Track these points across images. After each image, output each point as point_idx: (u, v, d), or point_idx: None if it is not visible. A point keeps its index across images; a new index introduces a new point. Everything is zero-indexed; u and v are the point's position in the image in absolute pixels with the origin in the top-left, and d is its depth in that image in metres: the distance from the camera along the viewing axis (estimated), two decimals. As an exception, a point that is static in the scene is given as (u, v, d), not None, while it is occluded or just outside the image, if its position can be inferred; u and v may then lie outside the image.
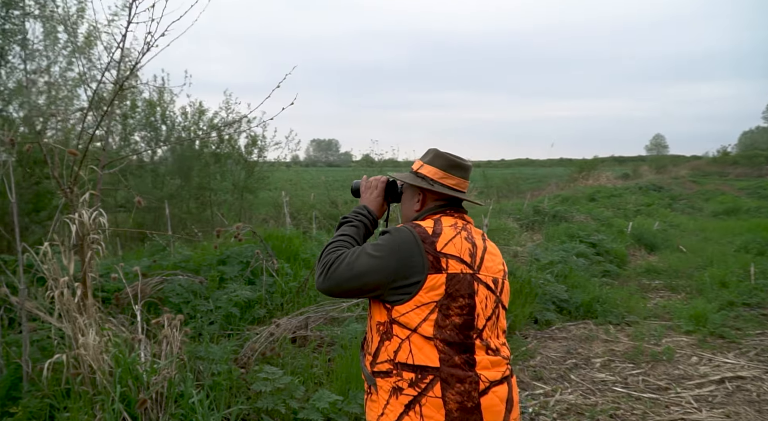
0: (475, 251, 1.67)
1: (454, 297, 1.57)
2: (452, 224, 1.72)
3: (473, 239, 1.71)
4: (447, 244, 1.63)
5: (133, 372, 3.00)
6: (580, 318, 6.41)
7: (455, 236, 1.66)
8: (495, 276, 1.70)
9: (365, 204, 1.97)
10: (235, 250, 5.53)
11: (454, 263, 1.60)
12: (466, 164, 1.83)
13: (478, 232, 1.79)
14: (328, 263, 1.67)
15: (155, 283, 4.35)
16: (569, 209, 13.14)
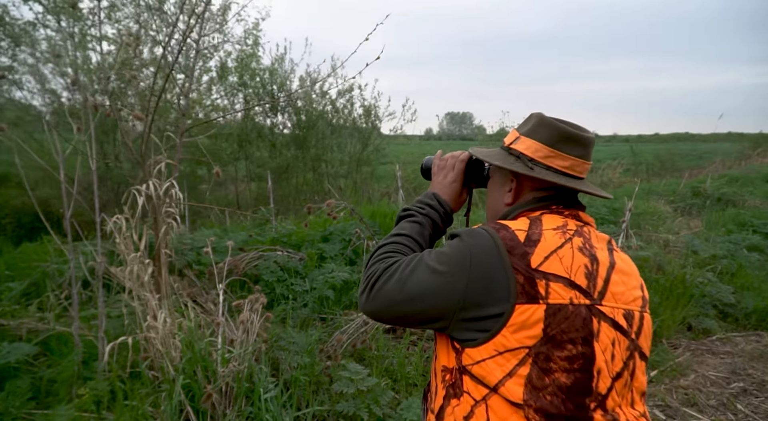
0: (596, 269, 1.07)
1: (559, 342, 1.00)
2: (559, 225, 1.14)
3: (593, 251, 1.10)
4: (549, 257, 1.05)
5: (203, 361, 2.75)
6: (751, 328, 5.12)
7: (563, 245, 1.08)
8: (628, 308, 1.08)
9: (436, 191, 1.42)
10: (339, 226, 5.22)
11: (559, 288, 1.02)
12: (585, 137, 1.21)
13: (601, 238, 1.18)
14: (372, 277, 1.16)
15: (250, 258, 4.16)
16: (739, 192, 11.00)
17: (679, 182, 11.88)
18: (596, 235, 1.16)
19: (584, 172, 1.22)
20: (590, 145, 1.22)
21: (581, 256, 1.06)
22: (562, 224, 1.13)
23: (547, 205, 1.20)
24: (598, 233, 1.18)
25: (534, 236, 1.08)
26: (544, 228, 1.11)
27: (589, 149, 1.22)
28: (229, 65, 7.78)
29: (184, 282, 3.98)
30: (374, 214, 5.75)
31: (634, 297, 1.09)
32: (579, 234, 1.11)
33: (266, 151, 8.61)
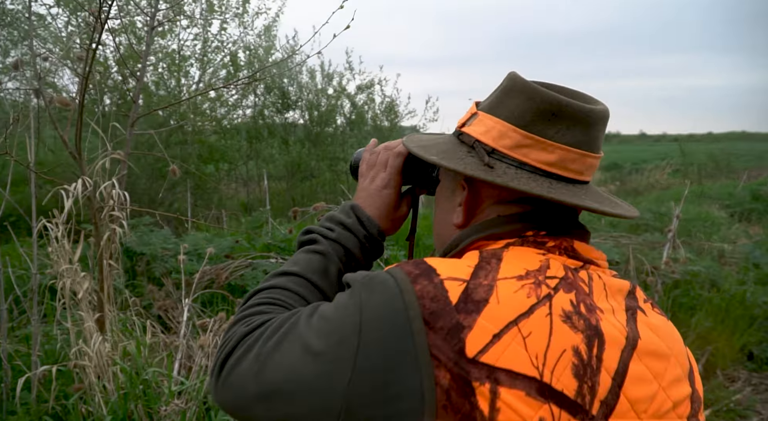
0: (596, 356, 0.59)
1: None
2: (530, 270, 0.65)
3: (592, 318, 0.62)
4: (501, 335, 0.57)
5: (145, 395, 2.32)
6: (827, 359, 4.34)
7: (532, 311, 0.59)
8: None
9: (357, 202, 0.92)
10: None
11: (517, 399, 0.55)
12: (587, 110, 0.71)
13: (615, 289, 0.69)
14: (225, 348, 0.70)
15: (235, 267, 3.72)
16: (806, 196, 9.93)
17: (735, 184, 10.86)
18: (606, 284, 0.68)
19: (586, 171, 0.73)
20: (596, 123, 0.72)
21: (567, 332, 0.59)
22: (537, 268, 0.65)
23: (518, 231, 0.71)
24: (611, 278, 0.69)
25: (478, 290, 0.60)
26: (500, 276, 0.63)
27: (594, 131, 0.72)
28: (240, 61, 7.46)
29: (162, 292, 3.58)
30: (386, 217, 5.24)
31: (676, 400, 0.62)
32: (568, 286, 0.63)
33: (277, 149, 8.22)
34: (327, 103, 8.24)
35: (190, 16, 7.44)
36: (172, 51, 7.48)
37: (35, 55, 2.33)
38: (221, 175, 8.16)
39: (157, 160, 5.99)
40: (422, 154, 0.78)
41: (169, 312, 3.33)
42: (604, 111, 0.73)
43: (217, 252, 3.90)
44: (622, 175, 17.05)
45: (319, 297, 0.80)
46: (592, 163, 0.73)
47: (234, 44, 8.14)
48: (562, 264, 0.66)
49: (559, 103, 0.70)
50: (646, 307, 0.69)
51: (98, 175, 2.40)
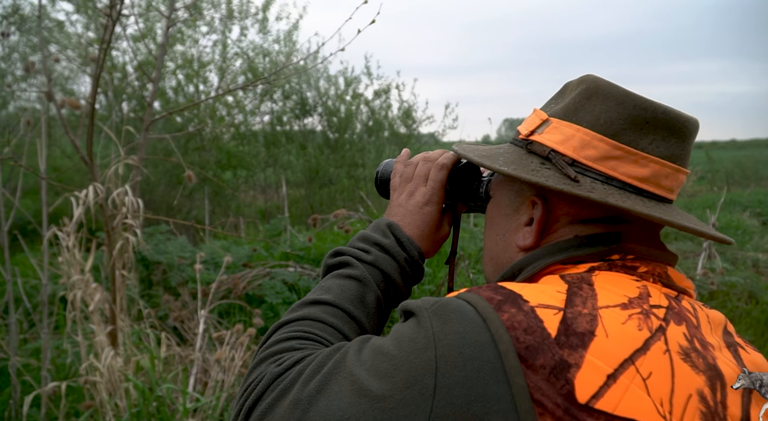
0: (721, 403, 0.48)
1: None
2: (632, 297, 0.53)
3: (709, 356, 0.51)
4: (618, 376, 0.45)
5: (159, 413, 2.20)
6: None
7: (648, 346, 0.48)
8: None
9: (394, 219, 0.80)
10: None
11: None
12: (682, 119, 0.62)
13: (713, 322, 0.59)
14: (251, 392, 0.58)
15: (253, 276, 3.61)
16: (841, 203, 9.55)
17: (766, 192, 10.48)
18: (703, 314, 0.58)
19: (676, 188, 0.64)
20: (692, 134, 0.64)
21: (689, 372, 0.49)
22: (637, 295, 0.55)
23: (602, 254, 0.61)
24: (704, 308, 0.60)
25: (579, 321, 0.50)
26: (601, 304, 0.52)
27: (688, 144, 0.64)
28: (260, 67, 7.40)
29: (178, 302, 3.48)
30: (406, 225, 5.09)
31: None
32: (677, 317, 0.54)
33: (295, 155, 8.13)
34: (345, 109, 8.14)
35: (210, 23, 7.43)
36: (191, 57, 7.47)
37: (46, 58, 2.25)
38: (239, 182, 8.10)
39: (175, 166, 5.94)
40: (489, 164, 0.66)
41: (185, 323, 3.23)
42: (697, 122, 0.64)
43: (235, 261, 3.79)
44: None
45: (357, 330, 0.68)
46: (682, 180, 0.64)
47: (253, 50, 8.11)
48: (659, 292, 0.57)
49: (655, 109, 0.61)
50: (741, 342, 0.59)
51: (111, 182, 2.30)
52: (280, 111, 8.32)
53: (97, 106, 2.74)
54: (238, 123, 7.68)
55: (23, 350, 2.49)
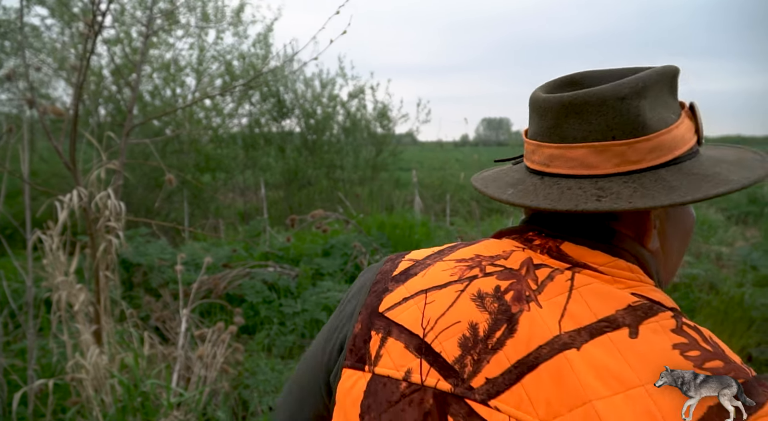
0: (496, 340, 0.56)
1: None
2: (479, 255, 0.66)
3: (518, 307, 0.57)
4: (409, 299, 0.64)
5: (144, 407, 2.29)
6: (826, 360, 4.33)
7: (445, 286, 0.63)
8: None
9: None
10: (341, 238, 4.73)
11: (396, 350, 0.60)
12: (547, 100, 0.64)
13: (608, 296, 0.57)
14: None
15: (233, 276, 3.70)
16: (801, 197, 9.96)
17: (731, 188, 10.86)
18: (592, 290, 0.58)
19: (548, 160, 0.65)
20: (549, 112, 0.64)
21: (473, 309, 0.59)
22: (491, 254, 0.65)
23: (522, 231, 0.68)
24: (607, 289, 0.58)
25: (415, 267, 0.68)
26: (445, 258, 0.67)
27: (548, 120, 0.64)
28: (236, 70, 7.45)
29: (159, 303, 3.55)
30: (383, 224, 5.22)
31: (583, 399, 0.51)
32: (508, 276, 0.61)
33: (273, 158, 8.21)
34: (323, 111, 8.25)
35: (186, 26, 7.45)
36: (168, 61, 7.48)
37: (27, 66, 2.32)
38: (218, 185, 8.15)
39: (153, 169, 5.97)
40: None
41: (166, 323, 3.31)
42: (561, 99, 0.62)
43: (215, 262, 3.88)
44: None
45: None
46: (554, 153, 0.64)
47: (230, 53, 8.15)
48: (527, 260, 0.62)
49: (532, 98, 0.67)
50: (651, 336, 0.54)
51: (93, 186, 2.38)
52: (258, 113, 8.41)
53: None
54: (216, 126, 7.73)
55: (8, 351, 2.55)
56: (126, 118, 2.58)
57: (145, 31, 3.01)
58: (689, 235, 0.70)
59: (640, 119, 0.60)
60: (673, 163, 0.62)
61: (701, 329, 0.56)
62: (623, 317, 0.55)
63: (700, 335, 0.55)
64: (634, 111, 0.60)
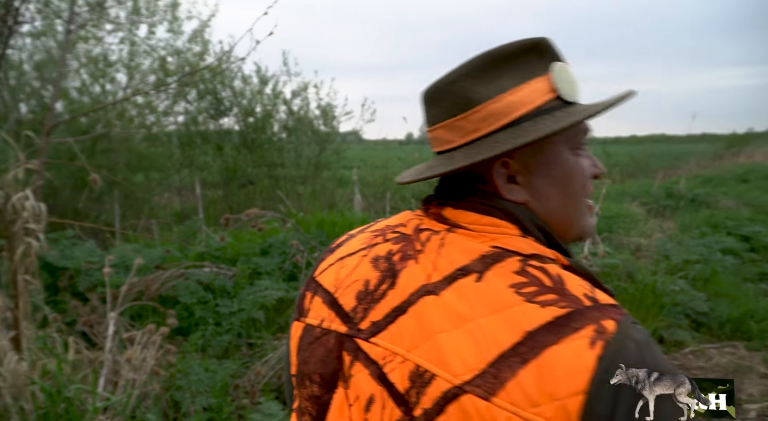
0: (382, 291, 0.71)
1: (304, 375, 0.76)
2: (391, 225, 0.80)
3: (398, 266, 0.72)
4: (333, 265, 0.80)
5: (68, 414, 2.25)
6: (725, 338, 4.76)
7: (356, 252, 0.79)
8: (425, 366, 0.63)
9: None
10: (280, 237, 4.74)
11: (318, 304, 0.78)
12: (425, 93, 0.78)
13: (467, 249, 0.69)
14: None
15: (167, 277, 3.65)
16: (712, 192, 10.79)
17: (652, 183, 11.64)
18: (456, 246, 0.69)
19: (434, 143, 0.78)
20: (425, 102, 0.77)
21: (369, 269, 0.74)
22: (395, 224, 0.79)
23: (425, 202, 0.82)
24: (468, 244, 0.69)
25: (347, 239, 0.84)
26: (371, 227, 0.83)
27: (426, 108, 0.78)
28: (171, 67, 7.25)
29: (87, 308, 3.45)
30: (322, 222, 5.26)
31: (449, 358, 0.61)
32: (401, 240, 0.75)
33: (211, 156, 8.06)
34: (262, 109, 8.16)
35: (115, 20, 7.18)
36: (96, 56, 7.18)
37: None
38: (153, 185, 7.90)
39: (81, 169, 5.74)
40: None
41: (94, 328, 3.23)
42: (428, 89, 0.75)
43: (147, 263, 3.80)
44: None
45: None
46: (431, 135, 0.77)
47: (164, 49, 7.92)
48: (416, 226, 0.75)
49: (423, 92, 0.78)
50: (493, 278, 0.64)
51: (10, 187, 2.31)
52: (196, 111, 8.21)
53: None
54: (150, 124, 7.49)
55: None
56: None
57: (67, 25, 2.92)
58: (569, 182, 0.73)
59: (468, 95, 0.71)
60: (513, 124, 0.70)
61: (549, 269, 0.64)
62: (475, 265, 0.65)
63: (546, 274, 0.64)
64: (460, 90, 0.71)
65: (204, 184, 7.43)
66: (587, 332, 0.58)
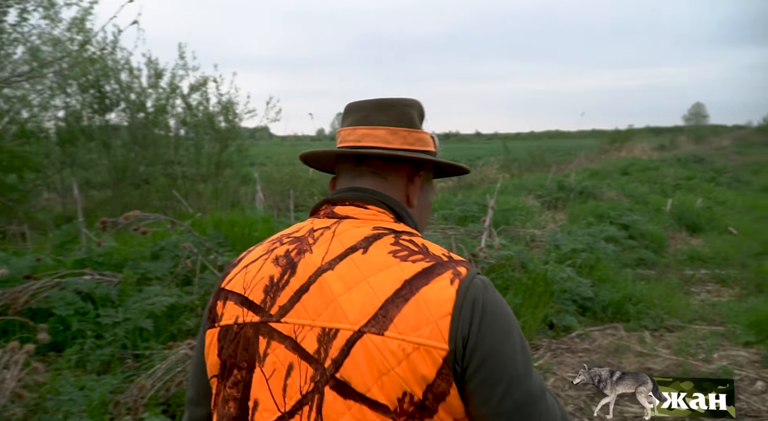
0: (286, 280, 0.88)
1: (230, 368, 0.88)
2: (288, 233, 0.98)
3: (297, 258, 0.90)
4: (238, 273, 0.94)
5: None
6: (608, 321, 5.18)
7: (259, 258, 0.94)
8: (329, 326, 0.83)
9: None
10: (173, 240, 4.48)
11: (230, 306, 0.91)
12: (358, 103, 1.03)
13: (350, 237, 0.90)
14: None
15: (38, 288, 3.31)
16: (599, 184, 11.71)
17: (547, 177, 12.42)
18: (345, 233, 0.90)
19: (362, 139, 0.98)
20: (364, 109, 1.00)
21: (271, 267, 0.90)
22: (290, 232, 0.96)
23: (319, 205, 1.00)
24: (355, 230, 0.90)
25: (245, 253, 0.98)
26: (267, 240, 0.98)
27: (363, 113, 1.00)
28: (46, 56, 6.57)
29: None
30: (220, 223, 5.05)
31: (347, 312, 0.81)
32: (295, 241, 0.92)
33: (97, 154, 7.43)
34: (155, 104, 7.64)
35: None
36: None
37: None
38: (29, 186, 7.12)
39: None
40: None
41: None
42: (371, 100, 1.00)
43: (14, 273, 3.43)
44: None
45: None
46: (365, 132, 0.97)
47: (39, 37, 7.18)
48: (309, 226, 0.93)
49: (348, 104, 1.02)
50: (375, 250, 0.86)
51: None
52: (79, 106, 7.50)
53: None
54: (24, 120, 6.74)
55: None
56: None
57: None
58: (428, 203, 1.07)
59: (413, 120, 1.00)
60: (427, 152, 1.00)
61: (416, 240, 0.89)
62: (361, 243, 0.86)
63: (413, 243, 0.88)
64: (410, 114, 0.99)
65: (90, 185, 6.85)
66: (448, 275, 0.82)
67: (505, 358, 0.80)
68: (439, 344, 0.77)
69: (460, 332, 0.78)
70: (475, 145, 45.24)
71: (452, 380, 0.78)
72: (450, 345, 0.77)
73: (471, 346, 0.78)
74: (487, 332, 0.80)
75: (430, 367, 0.77)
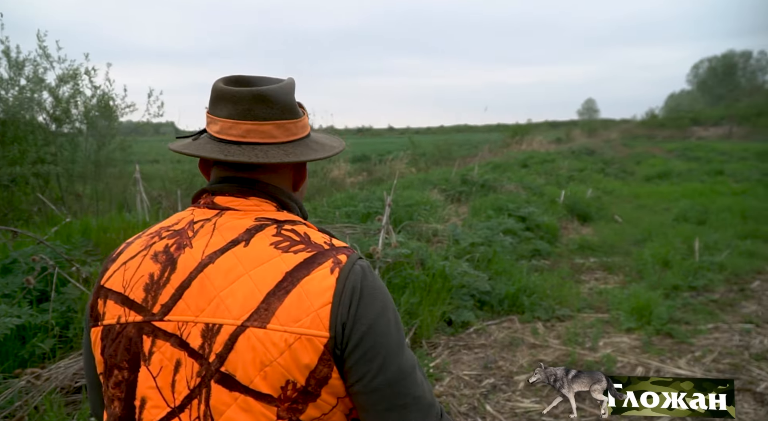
0: (166, 278, 0.88)
1: (111, 368, 0.89)
2: (166, 226, 0.96)
3: (177, 254, 0.89)
4: (117, 270, 0.93)
5: None
6: (504, 314, 5.26)
7: (137, 254, 0.93)
8: (213, 321, 0.84)
9: None
10: (28, 250, 3.93)
11: (111, 305, 0.91)
12: (235, 93, 0.94)
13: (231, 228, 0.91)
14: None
15: None
16: (499, 178, 12.10)
17: (451, 171, 12.63)
18: (224, 226, 0.91)
19: (249, 134, 0.94)
20: (242, 101, 0.93)
21: (151, 264, 0.90)
22: (169, 224, 0.95)
23: (199, 195, 1.00)
24: (233, 221, 0.92)
25: (126, 246, 0.97)
26: (146, 233, 0.97)
27: (241, 106, 0.93)
28: None
29: None
30: (88, 229, 4.52)
31: (230, 307, 0.84)
32: (174, 234, 0.92)
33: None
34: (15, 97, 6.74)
35: None
36: None
37: None
38: None
39: None
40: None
41: None
42: (251, 91, 0.92)
43: None
44: (369, 165, 18.38)
45: None
46: (247, 128, 0.92)
47: None
48: (189, 218, 0.94)
49: (220, 90, 0.94)
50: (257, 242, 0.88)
51: None
52: None
53: None
54: None
55: None
56: None
57: None
58: (306, 183, 1.07)
59: (295, 108, 0.97)
60: (308, 136, 1.00)
61: (297, 229, 0.91)
62: (242, 236, 0.88)
63: (295, 233, 0.90)
64: (291, 102, 0.96)
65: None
66: (328, 264, 0.86)
67: (380, 335, 0.85)
68: (320, 332, 0.81)
69: (340, 319, 0.83)
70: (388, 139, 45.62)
71: (333, 363, 0.82)
72: (330, 332, 0.82)
73: (349, 327, 0.83)
74: (363, 312, 0.84)
75: (311, 355, 0.81)
